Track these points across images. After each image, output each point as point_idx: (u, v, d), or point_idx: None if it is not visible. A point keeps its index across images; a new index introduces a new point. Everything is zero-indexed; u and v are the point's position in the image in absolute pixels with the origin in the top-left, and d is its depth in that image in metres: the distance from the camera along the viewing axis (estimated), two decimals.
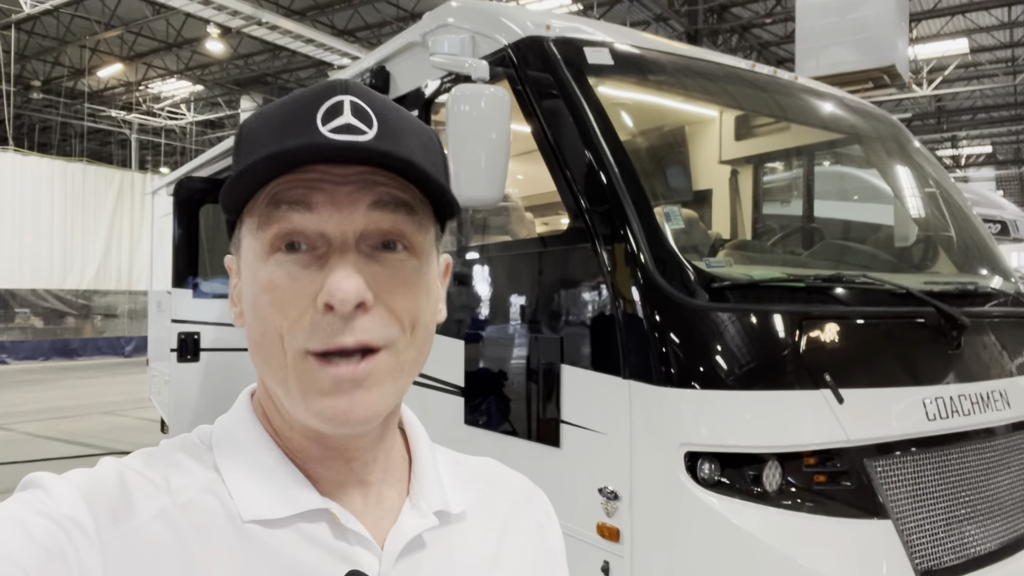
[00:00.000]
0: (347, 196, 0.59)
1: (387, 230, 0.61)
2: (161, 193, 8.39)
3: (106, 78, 21.39)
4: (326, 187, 0.59)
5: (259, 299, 0.61)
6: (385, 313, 0.60)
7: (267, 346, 0.61)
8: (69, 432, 9.42)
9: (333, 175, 0.59)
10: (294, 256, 0.60)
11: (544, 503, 0.81)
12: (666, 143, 3.17)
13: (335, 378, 0.59)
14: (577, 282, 2.43)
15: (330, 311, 0.58)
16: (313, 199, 0.59)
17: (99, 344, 20.64)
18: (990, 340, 2.69)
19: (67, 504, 0.56)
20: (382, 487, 0.68)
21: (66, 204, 19.52)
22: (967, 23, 17.63)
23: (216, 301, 4.92)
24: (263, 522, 0.60)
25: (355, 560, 0.61)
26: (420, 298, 0.63)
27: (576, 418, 2.36)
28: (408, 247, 0.62)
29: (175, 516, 0.58)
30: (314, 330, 0.58)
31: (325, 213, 0.59)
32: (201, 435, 0.68)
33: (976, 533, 2.36)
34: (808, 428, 2.13)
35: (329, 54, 15.83)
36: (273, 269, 0.60)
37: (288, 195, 0.59)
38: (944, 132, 25.92)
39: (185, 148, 26.05)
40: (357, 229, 0.60)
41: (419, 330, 0.63)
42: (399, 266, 0.62)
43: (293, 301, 0.59)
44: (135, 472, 0.61)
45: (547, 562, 0.76)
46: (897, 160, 3.60)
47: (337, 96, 0.60)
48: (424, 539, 0.66)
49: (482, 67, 2.60)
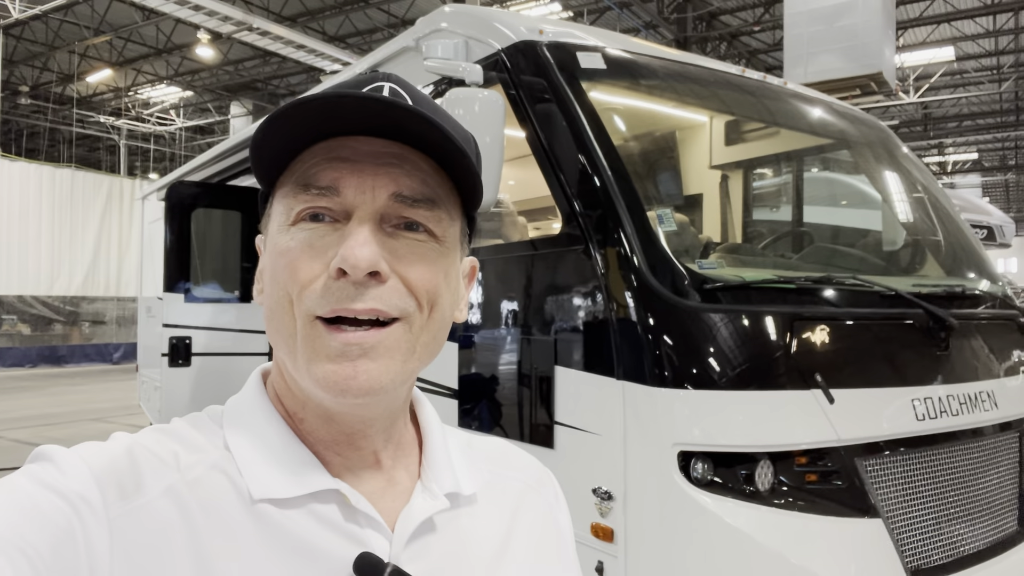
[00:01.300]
0: (372, 178, 0.61)
1: (407, 216, 0.62)
2: (151, 198, 8.37)
3: (95, 83, 21.31)
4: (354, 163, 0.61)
5: (276, 263, 0.62)
6: (400, 286, 0.60)
7: (279, 312, 0.61)
8: (58, 439, 9.34)
9: (362, 154, 0.61)
10: (315, 225, 0.61)
11: (554, 485, 0.81)
12: (658, 147, 3.20)
13: (342, 342, 0.58)
14: (571, 285, 2.44)
15: (343, 276, 0.58)
16: (341, 183, 0.60)
17: (87, 351, 20.49)
18: (977, 342, 2.73)
19: (76, 479, 0.56)
20: (392, 471, 0.68)
21: (54, 210, 19.40)
22: (953, 31, 17.83)
23: (208, 305, 4.91)
24: (273, 501, 0.60)
25: (366, 541, 0.61)
26: (439, 278, 0.63)
27: (570, 419, 2.37)
28: (429, 231, 0.63)
29: (184, 493, 0.58)
30: (325, 294, 0.59)
31: (350, 196, 0.60)
32: (211, 413, 0.67)
33: (965, 532, 2.39)
34: (799, 428, 2.15)
35: (320, 60, 15.83)
36: (293, 235, 0.61)
37: (317, 179, 0.61)
38: (931, 139, 26.16)
39: (174, 154, 25.95)
40: (379, 210, 0.61)
41: (436, 313, 0.63)
42: (419, 245, 0.62)
43: (307, 265, 0.60)
44: (145, 448, 0.61)
45: (557, 545, 0.76)
46: (886, 165, 3.64)
47: (378, 82, 0.63)
48: (435, 521, 0.66)
49: (476, 71, 2.63)
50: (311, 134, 0.61)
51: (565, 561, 0.77)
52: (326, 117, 0.60)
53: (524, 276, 2.67)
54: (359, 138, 0.62)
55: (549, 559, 0.74)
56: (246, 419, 0.65)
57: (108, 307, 21.29)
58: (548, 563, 0.73)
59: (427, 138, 0.61)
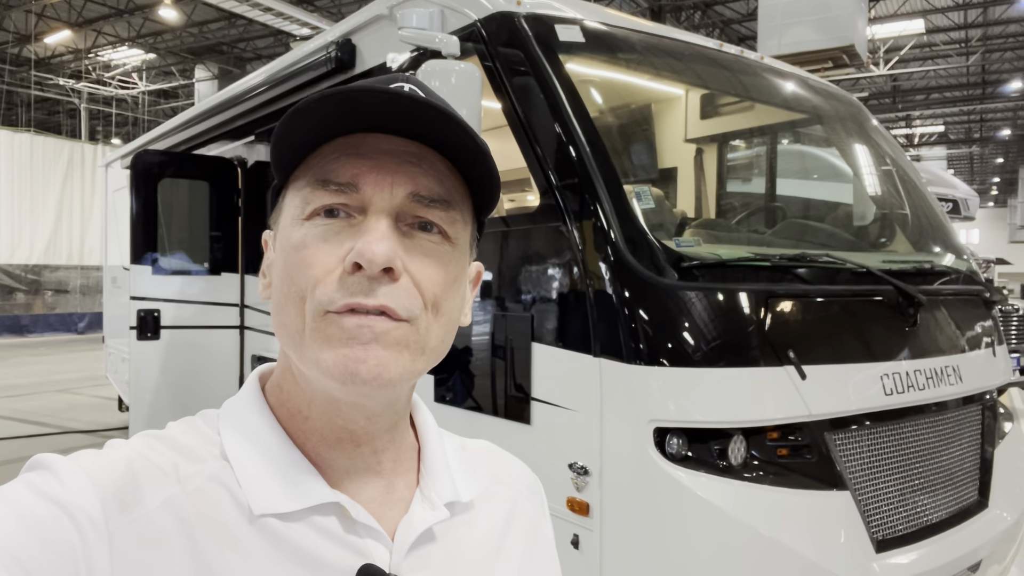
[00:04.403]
0: (391, 176, 0.60)
1: (422, 215, 0.62)
2: (115, 166, 8.15)
3: (53, 45, 20.59)
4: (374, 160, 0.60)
5: (289, 258, 0.61)
6: (410, 285, 0.60)
7: (288, 307, 0.61)
8: (23, 411, 9.19)
9: (382, 152, 0.61)
10: (330, 221, 0.60)
11: (541, 494, 0.82)
12: (635, 121, 3.18)
13: (356, 324, 0.58)
14: (547, 260, 2.44)
15: (358, 270, 0.58)
16: (360, 180, 0.60)
17: (50, 320, 20.08)
18: (944, 317, 2.79)
19: (77, 491, 0.55)
20: (392, 477, 0.67)
21: (12, 176, 18.84)
22: (923, 3, 17.94)
23: (176, 278, 4.82)
24: (273, 515, 0.60)
25: (366, 552, 0.61)
26: (448, 280, 0.63)
27: (546, 395, 2.38)
28: (443, 233, 0.63)
29: (183, 505, 0.58)
30: (340, 288, 0.58)
31: (369, 192, 0.60)
32: (207, 419, 0.67)
33: (928, 503, 2.46)
34: (772, 403, 2.19)
35: (288, 23, 15.44)
36: (308, 230, 0.61)
37: (336, 174, 0.60)
38: (899, 111, 26.46)
39: (137, 119, 25.28)
40: (396, 206, 0.61)
41: (442, 315, 0.63)
42: (431, 246, 0.62)
43: (321, 260, 0.59)
44: (143, 458, 0.60)
45: (544, 553, 0.78)
46: (857, 140, 3.67)
47: (398, 83, 0.62)
48: (434, 531, 0.66)
49: (452, 42, 2.58)
50: (332, 129, 0.61)
51: (550, 569, 0.78)
52: (348, 110, 0.59)
53: (500, 251, 2.65)
54: (379, 136, 0.62)
55: (537, 566, 0.75)
56: (244, 426, 0.65)
57: (71, 276, 20.84)
58: (536, 570, 0.75)
59: (448, 137, 0.61)
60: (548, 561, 0.78)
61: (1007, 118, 29.00)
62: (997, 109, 27.65)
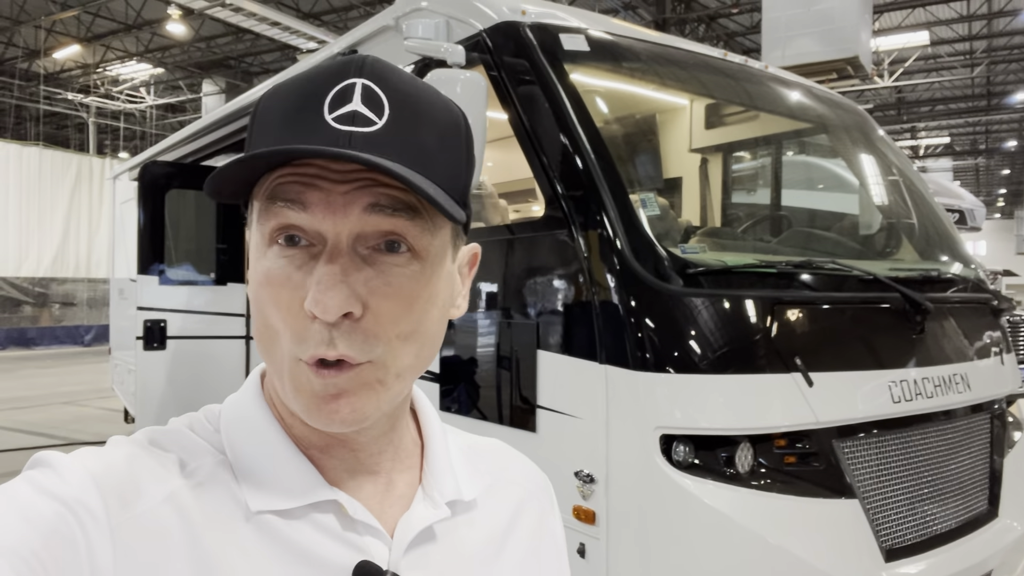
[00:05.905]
0: (342, 196, 0.56)
1: (387, 231, 0.58)
2: (123, 178, 8.20)
3: (62, 60, 20.78)
4: (323, 185, 0.56)
5: (259, 293, 0.60)
6: (372, 324, 0.57)
7: (267, 341, 0.60)
8: (30, 423, 9.20)
9: (331, 172, 0.56)
10: (292, 252, 0.58)
11: (551, 493, 0.81)
12: (640, 130, 3.19)
13: (323, 383, 0.57)
14: (553, 268, 2.44)
15: (316, 319, 0.56)
16: (308, 198, 0.56)
17: (57, 333, 20.15)
18: (952, 325, 2.77)
19: (78, 486, 0.55)
20: (392, 474, 0.67)
21: (21, 189, 18.97)
22: (927, 16, 17.97)
23: (183, 288, 4.84)
24: (272, 512, 0.60)
25: (365, 549, 0.61)
26: (416, 307, 0.60)
27: (552, 403, 2.38)
28: (412, 249, 0.59)
29: (184, 501, 0.58)
30: (302, 340, 0.57)
31: (320, 214, 0.56)
32: (209, 416, 0.67)
33: (938, 512, 2.44)
34: (779, 411, 2.17)
35: (295, 37, 15.55)
36: (272, 262, 0.58)
37: (284, 192, 0.57)
38: (904, 123, 26.45)
39: (145, 132, 25.44)
40: (353, 231, 0.57)
41: (412, 337, 0.60)
42: (396, 273, 0.58)
43: (287, 303, 0.57)
44: (145, 454, 0.60)
45: (551, 553, 0.76)
46: (863, 149, 3.67)
47: (350, 79, 0.58)
48: (435, 530, 0.65)
49: (458, 52, 2.59)
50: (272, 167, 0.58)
51: (559, 569, 0.77)
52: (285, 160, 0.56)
53: (506, 260, 2.66)
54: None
55: (543, 565, 0.74)
56: (244, 423, 0.65)
57: (78, 288, 20.92)
58: (541, 569, 0.74)
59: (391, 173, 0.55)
60: (555, 560, 0.77)
61: (1012, 129, 28.96)
62: (1002, 120, 27.62)
